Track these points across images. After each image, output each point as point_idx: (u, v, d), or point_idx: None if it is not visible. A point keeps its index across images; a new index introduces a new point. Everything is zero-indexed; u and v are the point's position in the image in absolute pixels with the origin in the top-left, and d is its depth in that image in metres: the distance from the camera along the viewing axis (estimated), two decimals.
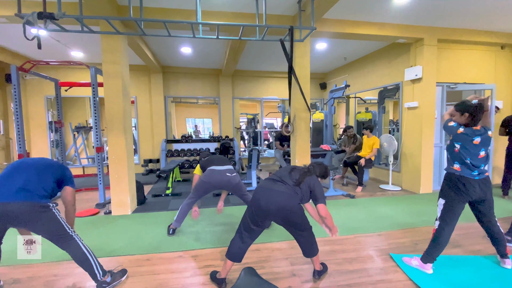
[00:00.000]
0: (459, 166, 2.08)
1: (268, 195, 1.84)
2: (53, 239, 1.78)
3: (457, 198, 2.07)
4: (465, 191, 2.04)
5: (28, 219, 1.67)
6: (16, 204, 1.64)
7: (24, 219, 1.67)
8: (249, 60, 6.48)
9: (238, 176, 2.78)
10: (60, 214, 1.82)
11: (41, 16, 2.35)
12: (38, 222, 1.70)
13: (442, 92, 4.82)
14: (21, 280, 2.11)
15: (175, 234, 2.93)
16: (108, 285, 1.94)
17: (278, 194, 1.84)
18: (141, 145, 7.04)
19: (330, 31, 4.13)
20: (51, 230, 1.75)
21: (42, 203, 1.71)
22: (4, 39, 4.89)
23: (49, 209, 1.75)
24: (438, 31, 4.49)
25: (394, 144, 4.91)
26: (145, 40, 5.04)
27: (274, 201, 1.81)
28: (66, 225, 1.82)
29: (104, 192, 4.03)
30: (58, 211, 1.80)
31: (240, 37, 3.15)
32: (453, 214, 2.08)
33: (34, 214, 1.68)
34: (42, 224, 1.72)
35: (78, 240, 1.85)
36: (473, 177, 2.04)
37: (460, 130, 2.06)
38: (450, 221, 2.09)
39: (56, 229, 1.76)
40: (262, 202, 1.82)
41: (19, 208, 1.64)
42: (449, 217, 2.09)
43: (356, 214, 3.56)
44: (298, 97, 3.98)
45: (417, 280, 2.04)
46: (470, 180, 2.03)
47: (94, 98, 3.89)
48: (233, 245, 1.93)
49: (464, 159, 2.05)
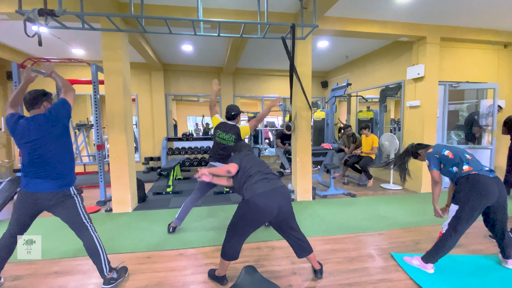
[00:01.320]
0: (469, 166, 2.04)
1: (278, 194, 1.83)
2: (69, 224, 1.84)
3: (477, 204, 1.93)
4: (486, 193, 1.92)
5: (52, 205, 1.77)
6: (42, 195, 1.73)
7: (49, 206, 1.77)
8: (250, 58, 6.45)
9: None
10: (81, 203, 1.87)
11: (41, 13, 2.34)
12: (59, 207, 1.78)
13: (444, 91, 4.79)
14: (22, 277, 2.12)
15: (175, 232, 2.93)
16: (116, 281, 1.95)
17: (283, 188, 1.88)
18: (142, 143, 7.04)
19: (332, 29, 4.11)
20: (68, 216, 1.82)
21: (64, 191, 1.78)
22: (5, 36, 4.88)
23: (71, 196, 1.82)
24: (441, 29, 4.45)
25: (396, 143, 4.89)
26: (146, 38, 5.03)
27: (283, 196, 1.85)
28: (84, 215, 1.86)
29: (105, 190, 4.03)
30: (79, 200, 1.86)
31: (242, 35, 3.14)
32: (467, 221, 1.96)
33: (57, 201, 1.76)
34: (62, 209, 1.79)
35: (92, 232, 1.88)
36: (488, 174, 1.99)
37: (427, 162, 2.21)
38: (462, 229, 2.00)
39: (73, 217, 1.82)
40: (273, 205, 1.78)
41: (45, 197, 1.74)
42: (463, 225, 1.98)
43: (357, 213, 3.55)
44: (299, 95, 3.96)
45: (418, 280, 2.03)
46: (487, 178, 1.96)
47: (95, 95, 3.88)
48: (227, 247, 1.88)
49: (468, 159, 2.05)
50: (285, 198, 1.86)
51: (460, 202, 2.02)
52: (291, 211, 1.90)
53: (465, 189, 2.00)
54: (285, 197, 1.87)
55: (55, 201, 1.76)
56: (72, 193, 1.84)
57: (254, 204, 1.77)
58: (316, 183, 5.32)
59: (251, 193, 1.80)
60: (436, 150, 2.22)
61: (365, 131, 5.10)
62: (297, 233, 1.95)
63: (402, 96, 5.05)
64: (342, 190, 4.60)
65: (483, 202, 1.95)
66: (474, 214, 1.96)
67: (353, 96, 6.58)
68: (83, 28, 2.74)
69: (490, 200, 1.95)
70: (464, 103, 5.61)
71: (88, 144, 7.20)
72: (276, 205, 1.79)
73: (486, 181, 1.96)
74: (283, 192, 1.87)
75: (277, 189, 1.85)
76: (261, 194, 1.78)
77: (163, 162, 6.46)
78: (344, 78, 6.79)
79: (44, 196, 1.74)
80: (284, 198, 1.85)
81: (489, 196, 1.94)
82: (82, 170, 6.60)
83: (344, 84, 5.70)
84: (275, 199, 1.80)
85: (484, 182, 1.96)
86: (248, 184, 1.86)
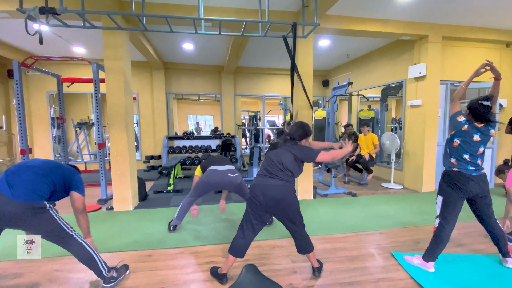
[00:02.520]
0: (455, 160, 2.07)
1: (264, 190, 1.88)
2: (52, 239, 1.75)
3: (455, 194, 2.06)
4: (463, 187, 2.03)
5: (23, 220, 1.64)
6: (11, 202, 1.61)
7: (19, 220, 1.64)
8: (251, 57, 6.44)
9: (240, 176, 2.76)
10: (58, 214, 1.78)
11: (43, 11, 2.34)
12: (34, 223, 1.67)
13: (446, 90, 4.78)
14: (22, 274, 2.12)
15: (176, 230, 2.94)
16: (116, 280, 1.95)
17: (273, 188, 1.88)
18: (143, 142, 7.05)
19: (333, 27, 4.10)
20: (49, 231, 1.72)
21: (37, 205, 1.67)
22: (6, 34, 4.89)
23: (46, 210, 1.71)
24: (443, 28, 4.43)
25: (397, 142, 4.88)
26: (147, 36, 5.02)
27: (270, 194, 1.86)
28: (65, 225, 1.78)
29: (106, 188, 4.04)
30: (55, 211, 1.77)
31: (243, 33, 3.12)
32: (452, 211, 2.07)
33: (29, 216, 1.64)
34: (38, 225, 1.69)
35: (79, 239, 1.82)
36: (470, 172, 2.03)
37: (465, 127, 2.04)
38: (450, 219, 2.08)
39: (54, 230, 1.73)
40: (260, 198, 1.88)
41: (13, 207, 1.60)
42: (449, 214, 2.08)
43: (358, 212, 3.55)
44: (300, 94, 3.95)
45: (419, 279, 2.03)
46: (467, 176, 2.03)
47: (96, 94, 3.88)
48: (236, 241, 1.96)
49: (462, 154, 2.04)
50: (276, 186, 1.87)
51: (440, 192, 2.16)
52: (285, 199, 1.87)
53: (443, 181, 2.15)
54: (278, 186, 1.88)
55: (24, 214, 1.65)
56: (47, 206, 1.74)
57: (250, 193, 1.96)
58: (317, 182, 5.32)
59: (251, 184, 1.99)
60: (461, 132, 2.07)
61: (363, 129, 5.08)
62: (297, 227, 1.96)
63: (404, 95, 5.04)
64: (342, 189, 4.59)
65: (459, 194, 2.06)
66: (452, 201, 2.07)
67: (354, 95, 6.57)
68: (84, 27, 2.73)
69: (466, 193, 2.05)
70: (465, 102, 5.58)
71: (89, 143, 7.22)
72: (262, 199, 1.87)
73: (462, 177, 2.04)
74: (275, 183, 1.89)
75: (266, 186, 1.89)
76: (253, 185, 1.96)
77: (164, 161, 6.47)
78: (345, 77, 6.78)
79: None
80: (276, 187, 1.87)
81: (465, 189, 2.04)
82: (83, 169, 6.61)
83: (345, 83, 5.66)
84: (265, 193, 1.87)
85: (461, 178, 2.04)
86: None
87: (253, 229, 1.95)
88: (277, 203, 1.86)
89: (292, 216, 1.93)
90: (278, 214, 1.93)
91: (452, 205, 2.07)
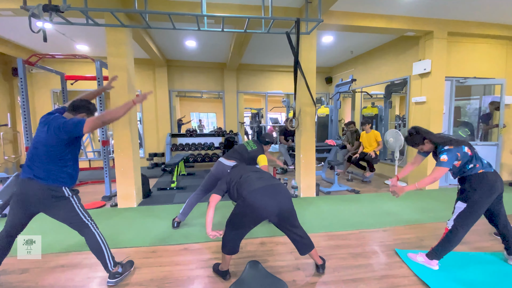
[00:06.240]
0: (478, 163, 2.03)
1: (276, 196, 1.81)
2: (70, 225, 1.85)
3: (485, 200, 1.97)
4: (495, 190, 1.97)
5: (45, 204, 1.74)
6: (33, 183, 1.69)
7: (41, 204, 1.73)
8: (254, 54, 6.41)
9: None
10: (79, 203, 1.86)
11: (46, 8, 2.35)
12: (54, 209, 1.77)
13: (451, 87, 4.73)
14: (28, 270, 2.16)
15: (180, 227, 2.96)
16: (120, 275, 1.98)
17: (281, 193, 1.85)
18: (146, 139, 7.07)
19: (337, 23, 4.06)
20: (66, 218, 1.82)
21: (56, 189, 1.73)
22: (10, 32, 4.91)
23: (66, 198, 1.79)
24: (448, 23, 4.37)
25: (401, 140, 4.84)
26: (149, 33, 5.02)
27: (283, 201, 1.83)
28: (83, 214, 1.85)
29: (110, 185, 4.07)
30: (76, 200, 1.84)
31: (246, 30, 3.11)
32: (476, 218, 2.02)
33: (49, 201, 1.73)
34: (58, 211, 1.79)
35: (94, 229, 1.89)
36: (491, 170, 2.03)
37: (445, 158, 1.96)
38: (470, 225, 2.03)
39: (72, 217, 1.82)
40: (269, 208, 1.78)
41: (35, 188, 1.69)
42: (471, 221, 2.02)
43: (361, 210, 3.54)
44: (303, 91, 3.94)
45: (423, 276, 2.03)
46: (493, 174, 2.01)
47: None
48: (227, 242, 1.89)
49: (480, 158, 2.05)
50: (285, 196, 1.86)
51: (470, 199, 2.01)
52: (292, 209, 1.88)
53: (474, 186, 2.01)
54: (286, 195, 1.86)
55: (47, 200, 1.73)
56: (67, 194, 1.79)
57: (251, 203, 1.76)
58: (320, 180, 5.32)
59: (248, 189, 1.81)
60: (458, 147, 2.00)
61: (365, 126, 5.04)
62: (298, 229, 1.94)
63: (408, 92, 4.99)
64: (345, 187, 4.58)
65: (491, 198, 1.99)
66: (483, 210, 2.02)
67: (358, 92, 6.52)
68: (88, 24, 2.74)
69: (496, 193, 2.01)
70: (470, 99, 5.53)
71: (93, 140, 7.26)
72: (277, 203, 1.79)
73: (493, 177, 2.00)
74: (281, 190, 1.87)
75: (274, 186, 1.85)
76: (257, 190, 1.80)
77: (167, 158, 6.50)
78: (349, 74, 6.73)
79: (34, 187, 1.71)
80: (285, 197, 1.85)
81: (497, 192, 2.00)
82: (87, 166, 6.66)
83: (348, 80, 5.64)
84: (276, 197, 1.80)
85: (492, 179, 1.99)
86: (243, 186, 1.85)
87: (245, 230, 1.88)
88: (288, 201, 1.86)
89: (295, 218, 1.93)
90: (283, 222, 1.88)
91: (479, 214, 2.01)
